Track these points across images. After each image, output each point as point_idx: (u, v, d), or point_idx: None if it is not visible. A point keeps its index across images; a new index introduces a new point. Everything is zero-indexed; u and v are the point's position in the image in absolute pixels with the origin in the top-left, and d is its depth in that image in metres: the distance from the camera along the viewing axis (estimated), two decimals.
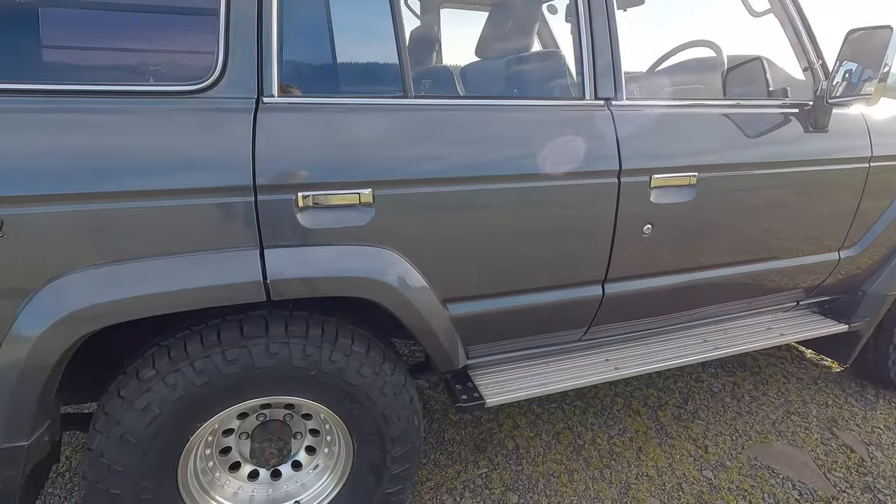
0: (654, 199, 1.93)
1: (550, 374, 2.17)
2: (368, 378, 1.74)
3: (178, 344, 1.56)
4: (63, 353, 1.36)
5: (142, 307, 1.39)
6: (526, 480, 2.43)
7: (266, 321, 1.63)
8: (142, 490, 1.59)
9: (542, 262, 1.85)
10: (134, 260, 1.37)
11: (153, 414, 1.52)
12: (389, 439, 1.84)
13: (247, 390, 1.61)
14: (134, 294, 1.35)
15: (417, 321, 1.71)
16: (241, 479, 1.92)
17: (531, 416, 2.87)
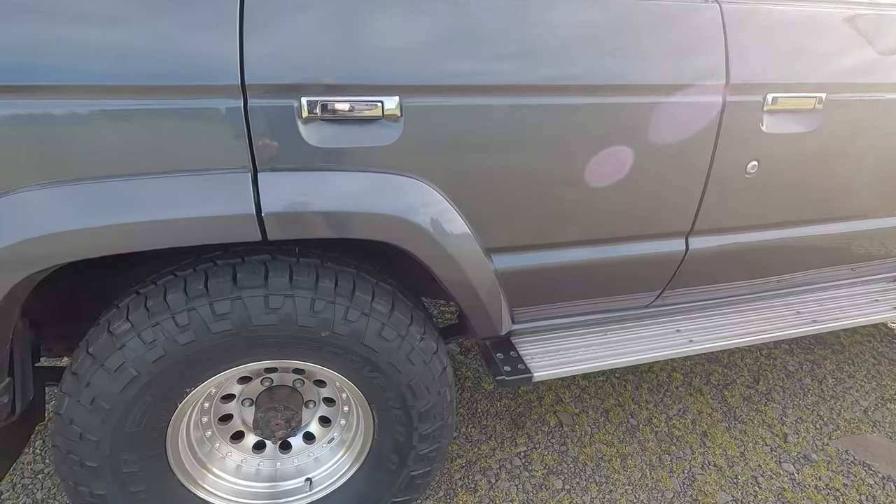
0: (766, 128, 1.48)
1: (610, 346, 1.80)
2: (392, 343, 1.41)
3: (157, 293, 1.26)
4: (5, 301, 1.08)
5: (95, 244, 1.08)
6: (571, 463, 2.12)
7: (266, 267, 1.31)
8: (123, 463, 1.34)
9: (614, 205, 1.45)
10: (88, 181, 1.06)
11: (129, 376, 1.24)
12: (417, 415, 1.53)
13: (242, 352, 1.31)
14: (82, 226, 1.04)
15: (455, 275, 1.36)
16: (245, 451, 1.66)
17: (576, 390, 2.54)
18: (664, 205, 1.50)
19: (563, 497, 1.96)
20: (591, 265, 1.54)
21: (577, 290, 1.63)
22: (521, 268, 1.48)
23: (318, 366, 1.42)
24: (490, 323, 1.49)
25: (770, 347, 2.88)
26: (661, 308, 1.89)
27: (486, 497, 1.96)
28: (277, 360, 1.38)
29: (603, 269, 1.57)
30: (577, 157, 1.35)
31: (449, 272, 1.34)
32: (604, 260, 1.54)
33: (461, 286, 1.38)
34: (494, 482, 2.02)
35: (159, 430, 1.37)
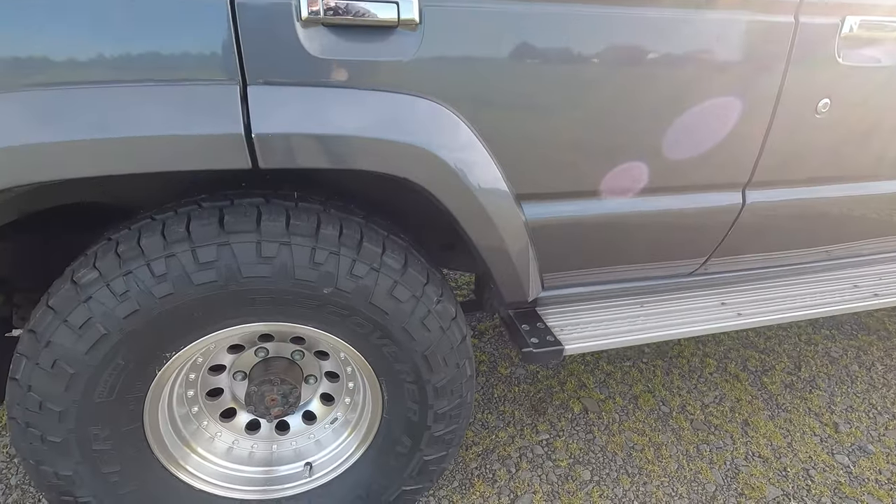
0: (843, 58, 1.28)
1: (648, 318, 1.60)
2: (405, 304, 1.22)
3: (131, 237, 1.07)
4: None
5: (52, 164, 0.88)
6: (599, 453, 1.92)
7: (259, 210, 1.12)
8: (92, 439, 1.16)
9: (664, 147, 1.25)
10: (47, 87, 0.87)
11: (97, 334, 1.05)
12: (432, 390, 1.33)
13: (231, 311, 1.12)
14: (36, 140, 0.85)
15: (480, 223, 1.16)
16: (237, 431, 1.48)
17: (600, 375, 2.34)
18: (721, 148, 1.29)
19: (593, 489, 1.76)
20: (634, 220, 1.33)
21: (614, 251, 1.43)
22: (555, 220, 1.28)
23: (320, 331, 1.23)
24: (518, 284, 1.29)
25: (809, 333, 2.66)
26: (704, 278, 1.69)
27: (507, 488, 1.76)
28: (272, 323, 1.19)
29: (646, 224, 1.36)
30: (626, 83, 1.14)
31: (474, 219, 1.14)
32: (648, 213, 1.34)
33: (487, 237, 1.18)
34: (515, 472, 1.83)
35: (135, 402, 1.18)
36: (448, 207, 1.10)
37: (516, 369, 2.38)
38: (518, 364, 2.41)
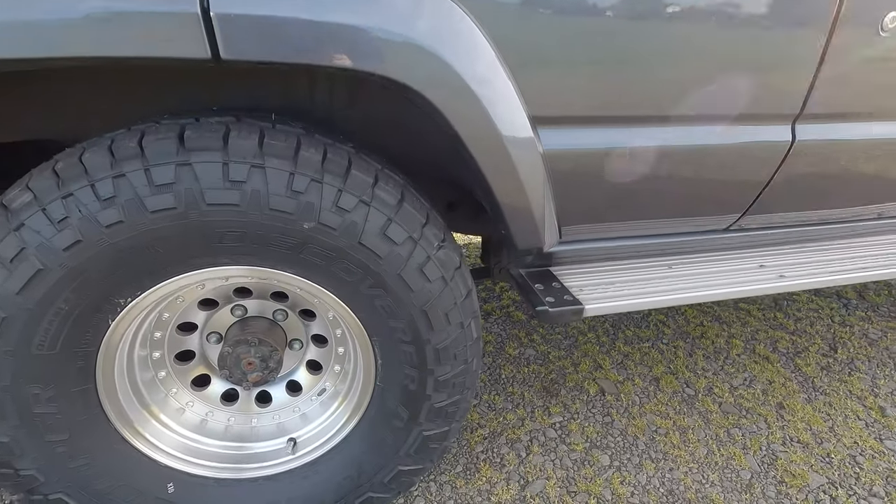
0: None
1: (678, 280, 1.41)
2: (401, 246, 1.04)
3: (73, 154, 0.91)
4: None
5: None
6: (619, 436, 1.74)
7: (227, 128, 0.95)
8: (32, 400, 0.99)
9: (704, 68, 1.07)
10: None
11: (31, 269, 0.88)
12: (432, 353, 1.16)
13: (196, 248, 0.95)
14: None
15: (490, 144, 0.98)
16: (211, 401, 1.30)
17: (617, 356, 2.15)
18: (768, 72, 1.11)
19: (613, 476, 1.58)
20: (665, 155, 1.15)
21: (641, 197, 1.24)
22: (576, 152, 1.10)
23: (302, 279, 1.05)
24: (533, 227, 1.11)
25: (843, 315, 2.46)
26: (740, 237, 1.50)
27: (516, 473, 1.58)
28: (245, 268, 1.02)
29: (679, 162, 1.18)
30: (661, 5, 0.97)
31: (482, 139, 0.97)
32: (682, 149, 1.16)
33: (499, 164, 1.00)
34: (525, 456, 1.64)
35: (85, 358, 1.01)
36: (452, 123, 0.93)
37: (525, 350, 2.20)
38: (527, 344, 2.23)
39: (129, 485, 1.13)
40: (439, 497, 1.50)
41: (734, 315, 2.44)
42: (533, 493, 1.51)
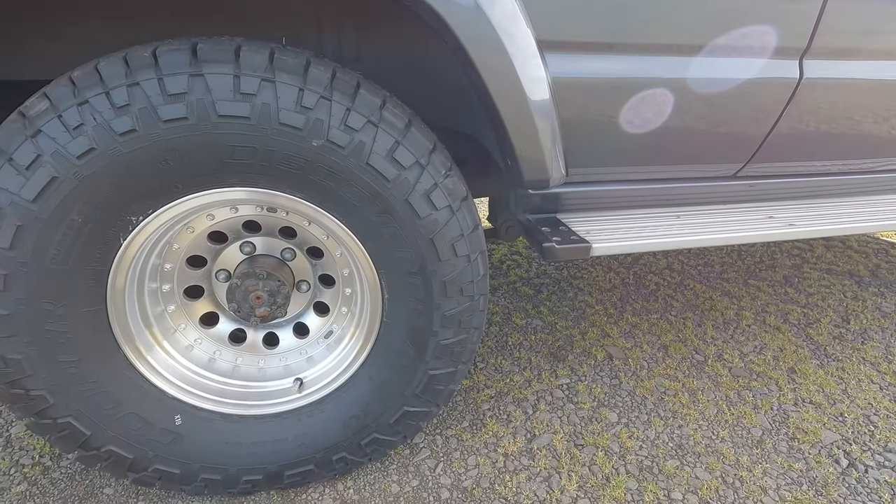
0: None
1: (686, 227, 1.41)
2: (408, 170, 1.05)
3: (89, 64, 0.93)
4: None
5: None
6: (627, 397, 1.72)
7: (238, 46, 0.97)
8: (44, 316, 1.00)
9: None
10: None
11: (46, 176, 0.90)
12: (439, 285, 1.16)
13: (207, 163, 0.96)
14: None
15: (498, 61, 0.98)
16: (219, 340, 1.31)
17: (625, 326, 2.13)
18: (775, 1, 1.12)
19: (621, 431, 1.56)
20: (668, 87, 1.15)
21: (646, 133, 1.25)
22: (584, 81, 1.10)
23: (311, 204, 1.06)
24: (540, 157, 1.11)
25: (856, 290, 2.42)
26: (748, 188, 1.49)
27: (523, 428, 1.57)
28: (254, 189, 1.03)
29: (683, 96, 1.18)
30: None
31: (489, 56, 0.97)
32: (685, 81, 1.16)
33: (506, 84, 1.00)
34: (532, 413, 1.63)
35: (96, 277, 1.03)
36: (459, 38, 0.93)
37: (532, 320, 2.19)
38: (534, 315, 2.22)
39: (136, 413, 1.14)
40: (445, 448, 1.49)
41: (744, 290, 2.42)
42: (540, 446, 1.50)
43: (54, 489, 1.35)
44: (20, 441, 1.50)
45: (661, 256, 2.88)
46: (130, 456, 1.15)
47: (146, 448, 1.16)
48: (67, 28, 1.13)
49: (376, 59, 1.33)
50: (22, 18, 1.06)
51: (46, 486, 1.35)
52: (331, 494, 1.34)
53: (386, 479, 1.39)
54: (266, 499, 1.33)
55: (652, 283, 2.52)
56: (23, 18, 1.06)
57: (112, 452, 1.14)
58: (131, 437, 1.14)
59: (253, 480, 1.25)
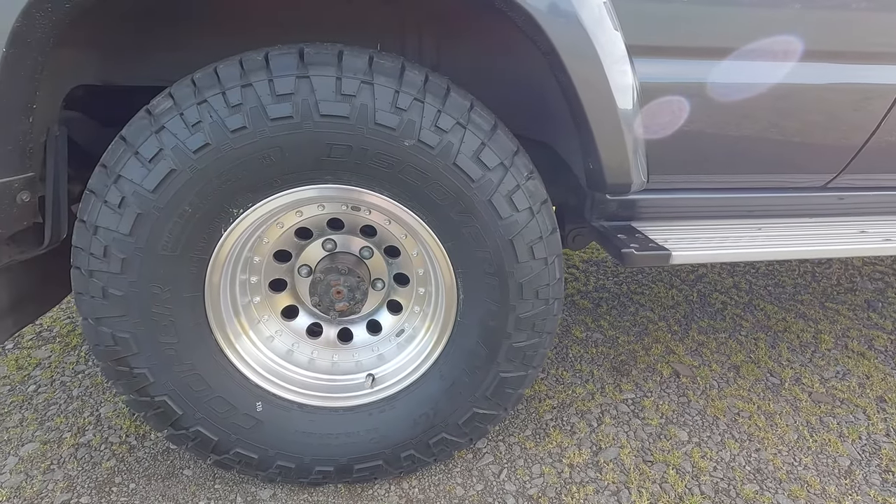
0: None
1: (770, 239, 1.36)
2: (493, 172, 1.07)
3: (209, 67, 1.01)
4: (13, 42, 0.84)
5: None
6: (696, 415, 1.65)
7: (340, 50, 1.03)
8: (153, 299, 1.08)
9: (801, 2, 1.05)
10: None
11: (166, 168, 0.99)
12: (515, 287, 1.16)
13: (305, 160, 1.02)
14: None
15: (588, 70, 1.00)
16: (297, 333, 1.37)
17: (691, 344, 2.06)
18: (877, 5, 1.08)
19: (693, 450, 1.49)
20: (768, 92, 1.12)
21: (736, 143, 1.22)
22: (672, 86, 1.10)
23: (394, 201, 1.10)
24: (623, 160, 1.10)
25: None
26: (837, 200, 1.42)
27: (588, 440, 1.53)
28: (344, 186, 1.08)
29: (775, 101, 1.15)
30: None
31: (581, 67, 0.99)
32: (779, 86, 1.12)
33: (593, 83, 1.01)
34: (597, 426, 1.59)
35: (198, 265, 1.10)
36: (551, 38, 0.95)
37: (592, 333, 2.15)
38: (594, 329, 2.18)
39: (223, 397, 1.20)
40: (508, 455, 1.48)
41: (821, 313, 2.28)
42: (606, 459, 1.46)
43: (139, 467, 1.43)
44: (108, 420, 1.61)
45: (726, 275, 2.77)
46: (215, 438, 1.22)
47: (229, 431, 1.22)
48: (185, 41, 1.24)
49: (454, 66, 1.38)
50: (154, 34, 1.18)
51: (132, 464, 1.44)
52: (396, 492, 1.36)
53: (450, 481, 1.39)
54: (334, 491, 1.36)
55: (718, 301, 2.42)
56: (155, 34, 1.18)
57: (199, 433, 1.21)
58: (217, 419, 1.21)
59: (324, 471, 1.29)
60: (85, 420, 1.61)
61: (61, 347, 2.00)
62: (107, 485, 1.37)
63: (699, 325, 2.21)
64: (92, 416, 1.63)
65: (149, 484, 1.37)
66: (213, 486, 1.36)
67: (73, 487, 1.36)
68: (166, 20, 1.20)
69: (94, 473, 1.40)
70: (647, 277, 2.76)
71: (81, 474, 1.40)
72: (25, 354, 1.96)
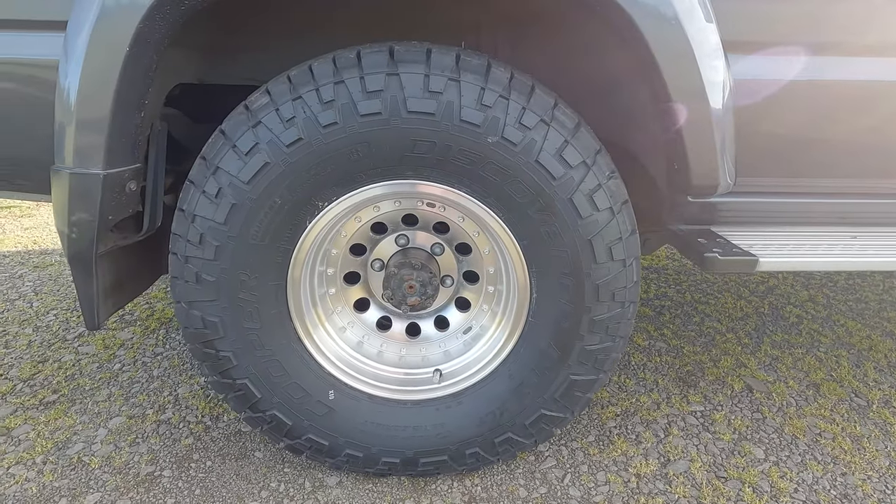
0: None
1: (866, 248, 1.27)
2: (574, 170, 1.06)
3: (303, 66, 1.05)
4: (135, 43, 0.91)
5: None
6: (773, 433, 1.56)
7: (429, 50, 1.05)
8: (240, 286, 1.14)
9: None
10: None
11: (261, 161, 1.04)
12: (591, 288, 1.14)
13: (389, 154, 1.04)
14: None
15: (683, 68, 0.97)
16: (368, 326, 1.40)
17: (764, 358, 1.95)
18: None
19: (770, 469, 1.41)
20: (872, 90, 1.05)
21: (834, 147, 1.14)
22: (769, 83, 1.05)
23: (472, 198, 1.10)
24: (711, 160, 1.06)
25: None
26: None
27: (655, 451, 1.48)
28: (425, 182, 1.10)
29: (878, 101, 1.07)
30: None
31: (673, 63, 0.96)
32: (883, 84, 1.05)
33: (685, 78, 0.97)
34: (664, 437, 1.53)
35: (283, 254, 1.15)
36: (643, 31, 0.93)
37: (655, 342, 2.08)
38: (657, 338, 2.11)
39: (298, 383, 1.25)
40: (571, 460, 1.45)
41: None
42: (676, 472, 1.40)
43: (214, 446, 1.51)
44: (185, 400, 1.70)
45: (800, 287, 2.61)
46: (290, 423, 1.26)
47: (303, 417, 1.26)
48: (272, 43, 1.30)
49: (529, 67, 1.37)
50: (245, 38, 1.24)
51: (208, 443, 1.52)
52: (459, 489, 1.36)
53: (512, 481, 1.38)
54: (398, 483, 1.38)
55: (792, 315, 2.28)
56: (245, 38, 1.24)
57: (275, 417, 1.26)
58: (292, 405, 1.25)
59: (390, 463, 1.31)
60: (164, 399, 1.71)
61: (142, 330, 2.14)
62: (186, 461, 1.45)
63: (772, 339, 2.09)
64: (171, 395, 1.73)
65: (223, 463, 1.44)
66: (282, 470, 1.42)
67: (156, 461, 1.45)
68: (258, 23, 1.27)
69: (174, 449, 1.49)
70: (713, 287, 2.64)
71: (163, 449, 1.49)
72: (111, 335, 2.11)
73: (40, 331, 2.13)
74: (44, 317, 2.25)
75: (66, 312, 2.28)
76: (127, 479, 1.39)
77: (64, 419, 1.61)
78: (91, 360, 1.93)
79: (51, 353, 1.97)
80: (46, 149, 1.09)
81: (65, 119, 1.00)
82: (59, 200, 1.06)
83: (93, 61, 0.93)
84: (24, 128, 1.14)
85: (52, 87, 1.04)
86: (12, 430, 1.57)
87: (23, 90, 1.11)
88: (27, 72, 1.10)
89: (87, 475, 1.40)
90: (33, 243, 3.15)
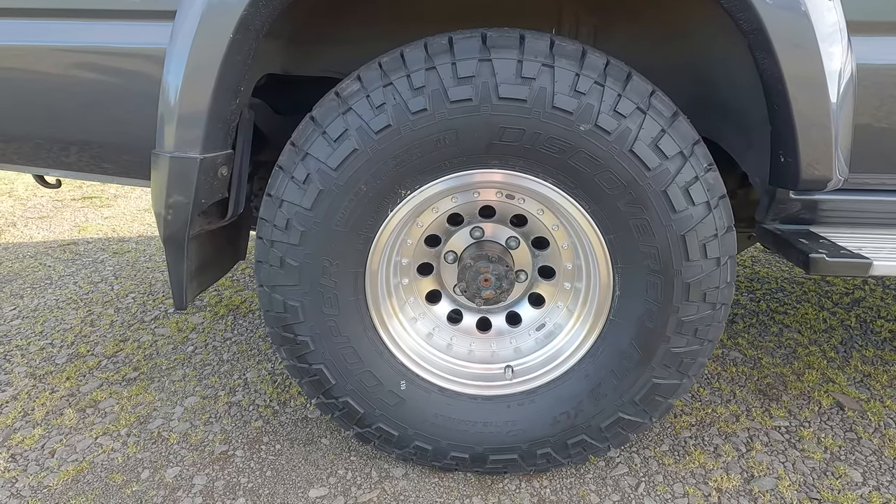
0: None
1: None
2: (670, 161, 1.00)
3: (395, 52, 1.05)
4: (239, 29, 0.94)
5: None
6: (871, 456, 1.43)
7: (522, 35, 1.02)
8: (322, 272, 1.15)
9: None
10: None
11: (349, 148, 1.05)
12: (681, 287, 1.08)
13: (476, 142, 1.02)
14: None
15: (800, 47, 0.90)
16: (438, 318, 1.39)
17: (854, 374, 1.80)
18: None
19: (871, 494, 1.29)
20: None
21: None
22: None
23: (557, 189, 1.07)
24: (825, 152, 0.97)
25: None
26: None
27: (736, 465, 1.39)
28: (510, 172, 1.07)
29: None
30: None
31: (791, 45, 0.89)
32: None
33: (805, 75, 0.91)
34: (746, 451, 1.43)
35: (364, 242, 1.15)
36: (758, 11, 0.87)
37: (729, 352, 1.96)
38: (731, 347, 1.99)
39: (372, 372, 1.25)
40: (645, 469, 1.38)
41: None
42: (762, 489, 1.31)
43: (283, 430, 1.54)
44: (254, 384, 1.75)
45: (891, 300, 2.40)
46: (361, 410, 1.27)
47: (375, 406, 1.26)
48: (353, 35, 1.31)
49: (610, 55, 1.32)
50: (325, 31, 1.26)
51: (277, 427, 1.55)
52: (527, 489, 1.32)
53: (583, 486, 1.33)
54: (464, 479, 1.36)
55: (885, 329, 2.10)
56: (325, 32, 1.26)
57: (347, 404, 1.26)
58: (365, 393, 1.25)
59: (458, 458, 1.29)
60: (234, 382, 1.77)
61: (211, 315, 2.23)
62: (256, 443, 1.49)
63: (862, 355, 1.93)
64: (240, 379, 1.79)
65: (292, 447, 1.47)
66: (349, 458, 1.43)
67: (229, 441, 1.49)
68: (342, 15, 1.28)
69: (245, 431, 1.53)
70: (790, 296, 2.47)
71: (235, 430, 1.53)
72: (183, 319, 2.21)
73: (120, 312, 2.26)
74: (123, 299, 2.39)
75: (143, 296, 2.42)
76: (203, 455, 1.44)
77: (144, 395, 1.70)
78: (166, 342, 2.03)
79: (130, 333, 2.08)
80: (139, 135, 1.15)
81: (168, 105, 1.04)
82: (157, 184, 1.11)
83: (199, 47, 0.97)
84: (122, 115, 1.20)
85: (153, 76, 1.10)
86: (99, 403, 1.66)
87: (125, 79, 1.17)
88: (128, 62, 1.16)
89: (167, 449, 1.46)
90: (112, 231, 3.36)
